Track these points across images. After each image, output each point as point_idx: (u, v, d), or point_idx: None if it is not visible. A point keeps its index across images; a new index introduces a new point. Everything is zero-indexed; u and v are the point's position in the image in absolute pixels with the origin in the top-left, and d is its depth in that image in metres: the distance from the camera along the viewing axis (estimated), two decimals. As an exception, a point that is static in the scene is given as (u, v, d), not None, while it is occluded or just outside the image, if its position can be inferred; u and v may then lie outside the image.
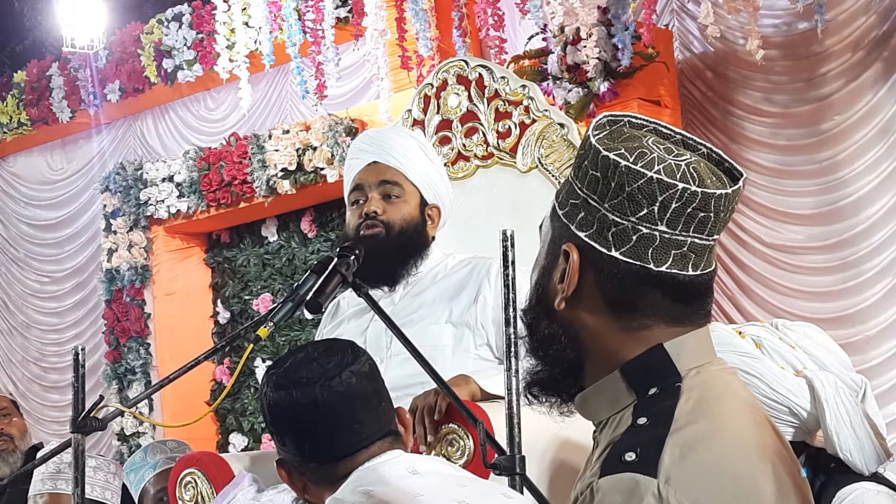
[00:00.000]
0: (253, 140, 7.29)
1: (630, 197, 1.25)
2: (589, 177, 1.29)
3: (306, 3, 6.31)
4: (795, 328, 2.35)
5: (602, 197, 1.27)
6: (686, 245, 1.27)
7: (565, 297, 1.30)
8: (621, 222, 1.26)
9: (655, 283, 1.27)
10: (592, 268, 1.29)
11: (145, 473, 3.60)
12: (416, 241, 2.91)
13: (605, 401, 1.30)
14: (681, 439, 1.19)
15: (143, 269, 8.05)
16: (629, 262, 1.27)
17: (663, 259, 1.26)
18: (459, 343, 2.80)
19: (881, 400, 4.88)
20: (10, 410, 4.10)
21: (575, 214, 1.31)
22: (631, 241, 1.26)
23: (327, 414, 1.82)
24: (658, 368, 1.28)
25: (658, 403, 1.25)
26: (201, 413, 2.66)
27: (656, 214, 1.25)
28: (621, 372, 1.29)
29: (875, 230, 5.29)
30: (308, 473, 1.87)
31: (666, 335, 1.29)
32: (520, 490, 2.13)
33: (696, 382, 1.26)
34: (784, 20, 5.56)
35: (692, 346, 1.29)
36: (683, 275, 1.27)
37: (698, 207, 1.26)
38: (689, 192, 1.25)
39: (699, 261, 1.28)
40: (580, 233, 1.30)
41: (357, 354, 1.90)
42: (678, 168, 1.26)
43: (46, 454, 2.75)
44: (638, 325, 1.29)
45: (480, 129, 3.40)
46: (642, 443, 1.20)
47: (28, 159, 9.23)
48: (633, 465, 1.18)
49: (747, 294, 5.63)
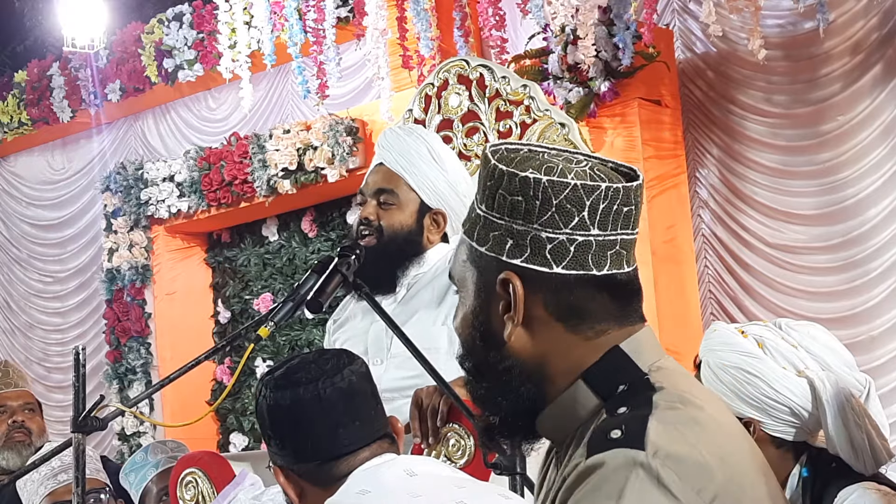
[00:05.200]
0: (253, 140, 7.30)
1: (559, 209, 1.26)
2: (509, 203, 1.28)
3: (307, 3, 6.32)
4: (799, 328, 2.34)
5: (528, 217, 1.27)
6: (618, 243, 1.28)
7: (516, 327, 1.29)
8: (555, 237, 1.26)
9: (601, 286, 1.28)
10: (536, 290, 1.28)
11: (147, 472, 3.60)
12: (405, 249, 2.89)
13: (570, 412, 1.29)
14: (664, 418, 1.21)
15: (144, 269, 8.06)
16: (573, 274, 1.27)
17: (603, 262, 1.27)
18: (454, 345, 2.80)
19: (886, 399, 4.88)
20: (34, 407, 4.16)
21: (501, 245, 1.29)
22: (570, 252, 1.26)
23: (330, 410, 1.83)
24: (620, 369, 1.28)
25: (633, 395, 1.26)
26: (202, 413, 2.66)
27: (587, 219, 1.26)
28: (584, 380, 1.29)
29: (879, 230, 5.29)
30: (306, 475, 1.87)
31: (619, 336, 1.30)
32: (520, 490, 2.13)
33: (662, 375, 1.28)
34: (785, 20, 5.55)
35: (646, 344, 1.31)
36: (622, 273, 1.29)
37: (622, 202, 1.27)
38: (612, 189, 1.26)
39: (630, 256, 1.30)
40: (514, 260, 1.28)
41: (352, 357, 1.92)
42: (586, 173, 1.28)
43: (47, 453, 2.75)
44: (594, 333, 1.29)
45: (481, 128, 3.40)
46: (626, 421, 1.21)
47: (29, 159, 9.24)
48: (619, 441, 1.19)
49: (750, 294, 5.63)
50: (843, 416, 2.18)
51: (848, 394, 2.21)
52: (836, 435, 2.18)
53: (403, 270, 2.89)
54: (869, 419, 2.20)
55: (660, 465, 1.16)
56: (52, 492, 3.50)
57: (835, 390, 2.21)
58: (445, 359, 2.76)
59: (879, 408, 2.29)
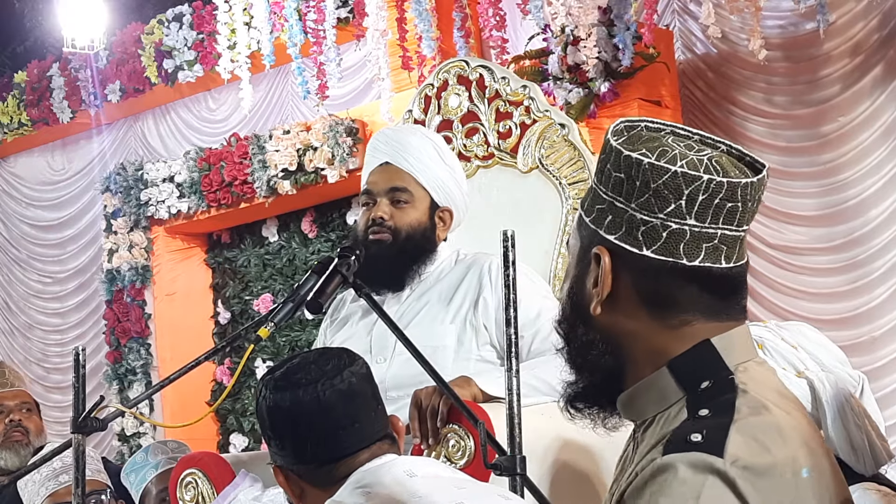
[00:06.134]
0: (253, 140, 7.30)
1: (656, 193, 1.26)
2: (613, 179, 1.29)
3: (307, 4, 6.32)
4: (790, 327, 2.35)
5: (628, 197, 1.28)
6: (717, 237, 1.27)
7: (601, 301, 1.30)
8: (650, 220, 1.27)
9: (691, 277, 1.27)
10: (626, 269, 1.29)
11: (147, 473, 3.60)
12: (423, 247, 2.90)
13: (652, 398, 1.29)
14: (746, 427, 1.20)
15: (144, 270, 8.06)
16: (662, 260, 1.27)
17: (696, 253, 1.27)
18: (462, 344, 2.79)
19: (887, 401, 4.86)
20: (31, 406, 4.15)
21: (602, 219, 1.31)
22: (661, 238, 1.27)
23: (329, 412, 1.82)
24: (707, 364, 1.28)
25: (717, 396, 1.25)
26: (202, 413, 2.66)
27: (684, 208, 1.25)
28: (669, 369, 1.28)
29: (880, 231, 5.29)
30: (306, 476, 1.87)
31: (708, 330, 1.29)
32: (520, 491, 2.13)
33: (748, 377, 1.27)
34: (786, 21, 5.55)
35: (738, 343, 1.30)
36: (717, 267, 1.28)
37: (725, 198, 1.26)
38: (714, 182, 1.25)
39: (731, 252, 1.29)
40: (609, 236, 1.30)
41: (353, 358, 1.91)
42: (701, 162, 1.27)
43: (48, 453, 2.75)
44: (678, 322, 1.29)
45: (481, 129, 3.40)
46: (708, 427, 1.20)
47: (29, 160, 9.24)
48: (699, 446, 1.18)
49: (751, 295, 5.61)
50: (843, 417, 2.18)
51: (847, 394, 2.21)
52: (836, 436, 2.18)
53: (419, 268, 2.89)
54: (869, 420, 2.20)
55: (737, 475, 1.15)
56: (53, 493, 3.50)
57: (834, 391, 2.21)
58: (453, 357, 2.76)
59: (876, 406, 2.29)
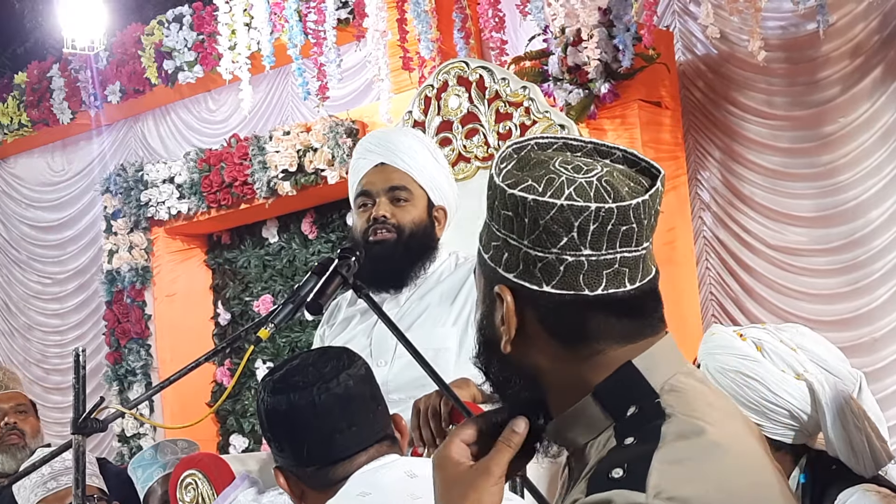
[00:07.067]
0: (253, 141, 7.30)
1: (546, 230, 1.21)
2: (503, 217, 1.25)
3: (308, 5, 6.32)
4: (787, 329, 2.35)
5: (520, 235, 1.23)
6: (616, 262, 1.22)
7: (510, 340, 1.27)
8: (545, 256, 1.22)
9: (596, 307, 1.23)
10: (529, 306, 1.25)
11: (154, 472, 3.60)
12: (426, 244, 2.92)
13: (580, 427, 1.26)
14: (671, 453, 1.16)
15: (144, 271, 8.05)
16: (563, 294, 1.22)
17: (597, 282, 1.22)
18: (463, 346, 2.80)
19: (888, 402, 4.86)
20: (27, 408, 4.14)
21: (500, 257, 1.26)
22: (559, 272, 1.22)
23: (325, 417, 1.82)
24: (631, 388, 1.24)
25: (643, 423, 1.21)
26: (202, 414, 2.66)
27: (577, 240, 1.21)
28: (594, 396, 1.25)
29: (880, 233, 5.28)
30: (306, 478, 1.87)
31: (625, 353, 1.25)
32: (520, 491, 2.13)
33: (675, 398, 1.23)
34: (786, 22, 5.55)
35: (661, 358, 1.26)
36: (622, 291, 1.23)
37: (618, 222, 1.21)
38: (604, 210, 1.20)
39: (635, 273, 1.25)
40: (508, 274, 1.25)
41: (352, 359, 1.90)
42: (590, 186, 1.21)
43: (47, 455, 2.74)
44: (591, 352, 1.25)
45: (481, 130, 3.40)
46: (629, 459, 1.17)
47: (29, 161, 9.24)
48: (619, 482, 1.14)
49: (752, 296, 5.62)
50: (843, 419, 2.18)
51: (847, 396, 2.21)
52: (836, 437, 2.18)
53: (422, 266, 2.90)
54: (868, 421, 2.20)
55: None
56: (42, 499, 3.49)
57: (833, 393, 2.20)
58: (455, 360, 2.77)
59: (874, 404, 2.29)
